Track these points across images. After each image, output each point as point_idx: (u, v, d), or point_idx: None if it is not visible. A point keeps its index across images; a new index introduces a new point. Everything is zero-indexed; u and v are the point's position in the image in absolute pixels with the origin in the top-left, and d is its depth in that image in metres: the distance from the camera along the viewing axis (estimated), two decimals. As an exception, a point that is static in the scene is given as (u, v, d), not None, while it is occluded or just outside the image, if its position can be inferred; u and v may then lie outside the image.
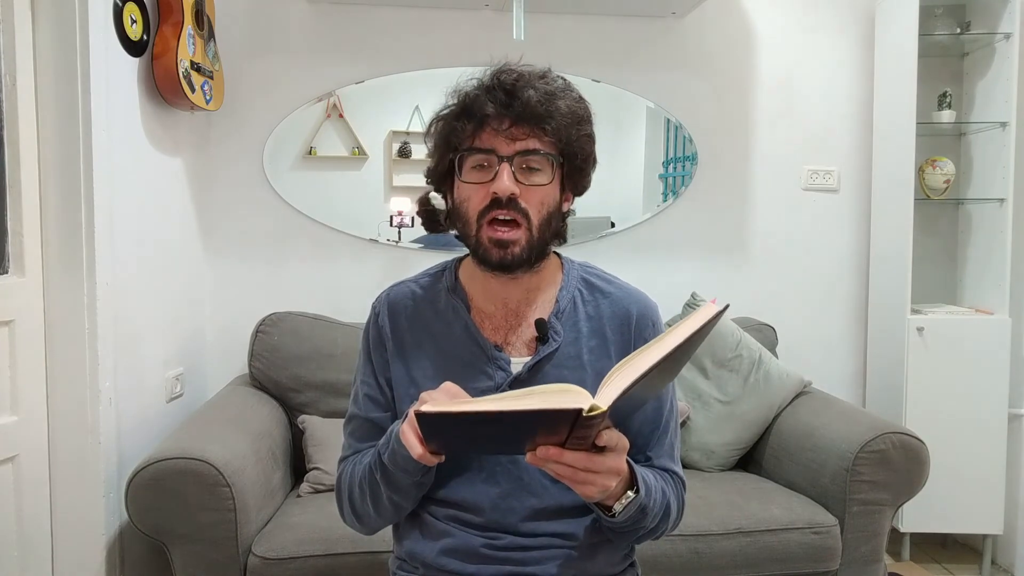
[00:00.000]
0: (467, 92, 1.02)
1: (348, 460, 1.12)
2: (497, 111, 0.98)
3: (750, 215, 2.70)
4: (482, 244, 1.01)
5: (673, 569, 1.80)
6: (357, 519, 1.09)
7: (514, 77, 1.00)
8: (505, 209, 0.99)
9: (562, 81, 1.04)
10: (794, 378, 2.27)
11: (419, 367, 1.08)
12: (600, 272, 1.15)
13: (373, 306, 1.14)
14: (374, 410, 1.11)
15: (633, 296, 1.12)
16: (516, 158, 0.99)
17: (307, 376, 2.19)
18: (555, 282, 1.11)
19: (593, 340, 1.07)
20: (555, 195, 1.03)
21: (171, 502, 1.61)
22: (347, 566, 1.68)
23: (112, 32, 1.85)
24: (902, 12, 2.43)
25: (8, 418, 1.66)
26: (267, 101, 2.46)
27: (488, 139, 1.00)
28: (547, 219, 1.02)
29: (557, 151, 1.01)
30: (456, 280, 1.12)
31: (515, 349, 1.07)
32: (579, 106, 1.03)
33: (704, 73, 2.64)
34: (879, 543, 1.91)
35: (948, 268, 2.69)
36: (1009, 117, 2.41)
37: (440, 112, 1.05)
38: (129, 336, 1.93)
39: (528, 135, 0.99)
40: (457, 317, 1.08)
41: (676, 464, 1.11)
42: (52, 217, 1.73)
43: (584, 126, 1.04)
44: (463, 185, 1.02)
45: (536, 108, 0.98)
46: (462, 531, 1.05)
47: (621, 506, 0.95)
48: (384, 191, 2.53)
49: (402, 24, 2.49)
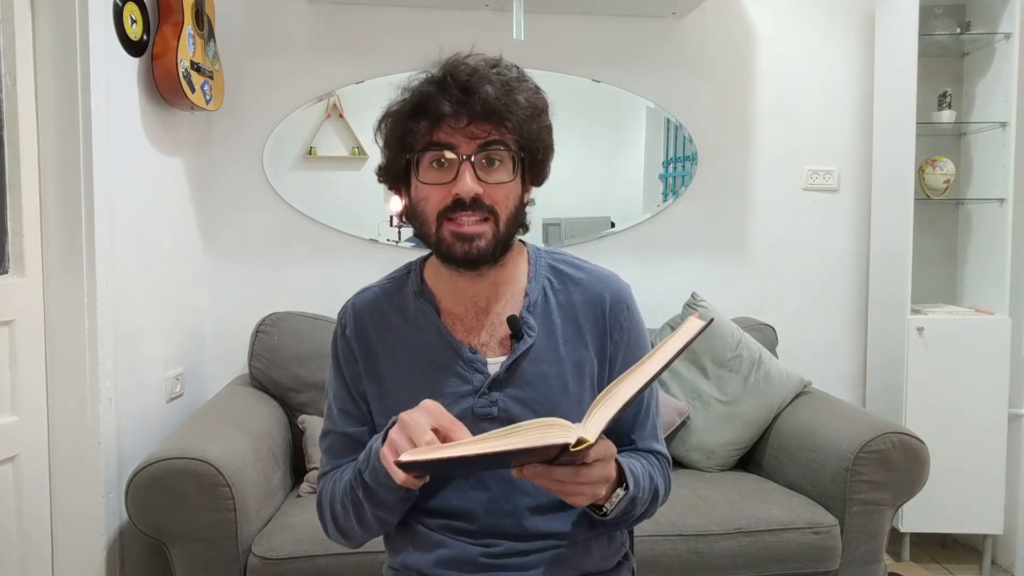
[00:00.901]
0: (419, 89, 0.97)
1: (328, 476, 1.08)
2: (454, 109, 0.94)
3: (750, 215, 2.70)
4: (444, 240, 0.97)
5: (673, 569, 1.80)
6: (342, 536, 1.06)
7: (468, 72, 0.95)
8: (470, 210, 0.95)
9: (516, 71, 0.99)
10: (794, 378, 2.27)
11: (393, 377, 1.04)
12: (567, 257, 1.12)
13: (339, 317, 1.11)
14: (350, 424, 1.07)
15: (604, 280, 1.08)
16: (477, 155, 0.95)
17: (307, 376, 2.19)
18: (522, 274, 1.07)
19: (568, 330, 1.05)
20: (518, 189, 1.00)
21: (171, 502, 1.61)
22: (347, 566, 1.68)
23: (112, 32, 1.85)
24: (902, 12, 2.43)
25: (8, 418, 1.66)
26: (267, 101, 2.46)
27: (446, 137, 0.95)
28: (514, 213, 1.00)
29: (518, 145, 0.98)
30: (422, 282, 1.08)
31: (490, 349, 1.04)
32: (537, 97, 0.99)
33: (704, 73, 2.64)
34: (879, 543, 1.91)
35: (948, 268, 2.69)
36: (1009, 117, 2.41)
37: (390, 107, 1.01)
38: (129, 336, 1.93)
39: (488, 132, 0.95)
40: (428, 321, 1.05)
41: (660, 443, 1.10)
42: (52, 217, 1.73)
43: (543, 117, 1.00)
44: (421, 185, 0.98)
45: (495, 104, 0.93)
46: (457, 540, 1.03)
47: (612, 505, 0.95)
48: (384, 191, 2.52)
49: (402, 24, 2.49)
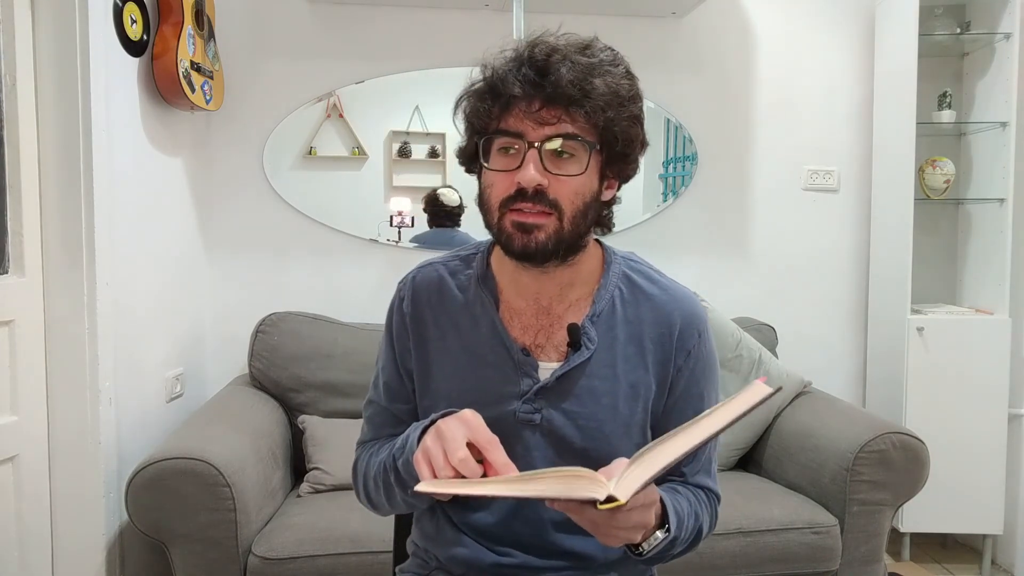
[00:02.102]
0: (495, 67, 0.90)
1: (365, 446, 1.07)
2: (525, 91, 0.87)
3: (750, 215, 2.70)
4: (504, 230, 0.91)
5: (673, 569, 1.79)
6: (372, 507, 1.06)
7: (547, 51, 0.88)
8: (531, 202, 0.89)
9: (608, 53, 0.92)
10: (794, 378, 2.27)
11: (440, 362, 1.01)
12: (645, 268, 1.04)
13: (399, 287, 1.06)
14: (394, 400, 1.06)
15: (678, 300, 1.01)
16: (544, 144, 0.88)
17: (307, 376, 2.19)
18: (593, 277, 1.01)
19: (630, 347, 0.98)
20: (592, 184, 0.92)
21: (171, 502, 1.61)
22: (347, 566, 1.69)
23: (112, 32, 1.85)
24: (902, 12, 2.43)
25: (8, 418, 1.66)
26: (267, 101, 2.46)
27: (515, 122, 0.89)
28: (582, 210, 0.91)
29: (595, 136, 0.90)
30: (487, 268, 1.03)
31: (545, 353, 0.99)
32: (623, 84, 0.90)
33: (704, 73, 2.64)
34: (879, 543, 1.91)
35: (948, 268, 2.69)
36: (1009, 117, 2.41)
37: (468, 87, 0.94)
38: (129, 336, 1.93)
39: (560, 118, 0.88)
40: (484, 313, 1.00)
41: (712, 480, 1.04)
42: (52, 217, 1.73)
43: (628, 106, 0.91)
44: (488, 171, 0.93)
45: (568, 88, 0.86)
46: (475, 543, 1.01)
47: (649, 545, 0.88)
48: (384, 191, 2.53)
49: (402, 24, 2.49)
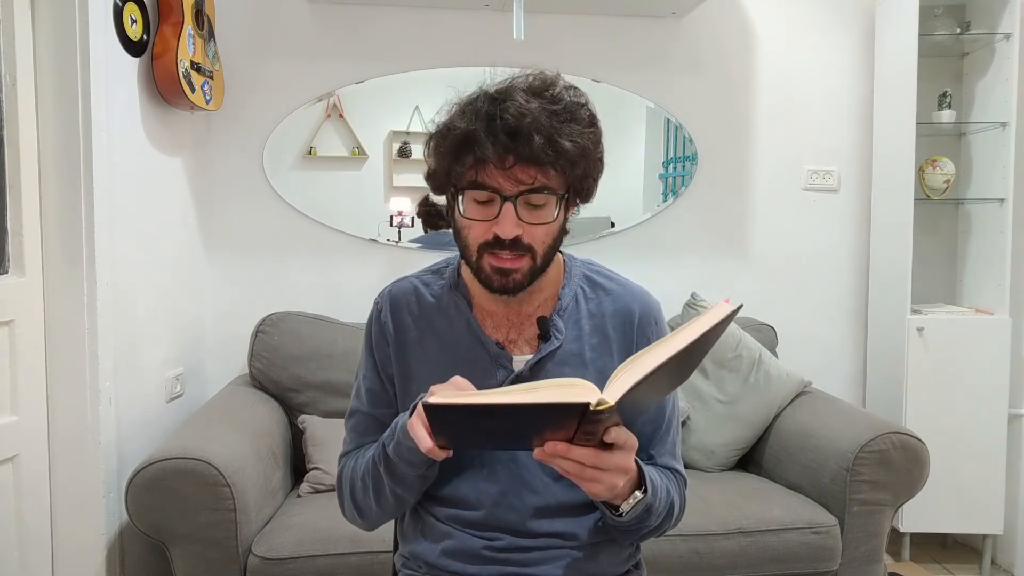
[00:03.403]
0: (465, 128, 0.95)
1: (350, 455, 1.12)
2: (498, 152, 0.93)
3: (750, 215, 2.70)
4: (483, 270, 1.00)
5: (673, 569, 1.80)
6: (359, 513, 1.09)
7: (517, 113, 0.93)
8: (508, 250, 0.97)
9: (572, 93, 0.98)
10: (794, 378, 2.27)
11: (420, 364, 1.08)
12: (602, 269, 1.15)
13: (376, 301, 1.14)
14: (377, 406, 1.11)
15: (635, 294, 1.11)
16: (519, 198, 0.96)
17: (307, 376, 2.19)
18: (557, 279, 1.10)
19: (595, 338, 1.07)
20: (560, 221, 1.01)
21: (171, 502, 1.61)
22: (347, 566, 1.69)
23: (112, 32, 1.85)
24: (902, 12, 2.43)
25: (8, 418, 1.66)
26: (267, 101, 2.46)
27: (490, 178, 0.95)
28: (552, 246, 1.02)
29: (564, 188, 0.98)
30: (459, 277, 1.11)
31: (517, 347, 1.07)
32: (588, 135, 0.98)
33: (704, 73, 2.64)
34: (879, 543, 1.91)
35: (948, 268, 2.69)
36: (1009, 117, 2.41)
37: (439, 129, 1.00)
38: (129, 336, 1.93)
39: (534, 177, 0.95)
40: (459, 314, 1.08)
41: (678, 462, 1.12)
42: (52, 217, 1.73)
43: (593, 154, 0.99)
44: (464, 217, 1.00)
45: (540, 153, 0.93)
46: (462, 532, 1.05)
47: (628, 506, 0.95)
48: (384, 191, 2.53)
49: (402, 24, 2.49)
